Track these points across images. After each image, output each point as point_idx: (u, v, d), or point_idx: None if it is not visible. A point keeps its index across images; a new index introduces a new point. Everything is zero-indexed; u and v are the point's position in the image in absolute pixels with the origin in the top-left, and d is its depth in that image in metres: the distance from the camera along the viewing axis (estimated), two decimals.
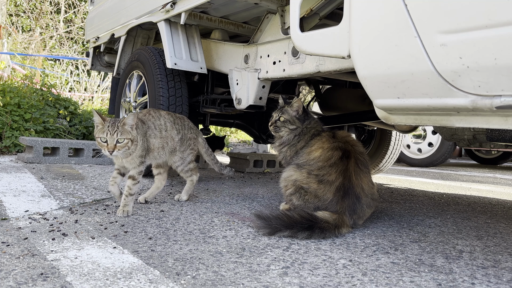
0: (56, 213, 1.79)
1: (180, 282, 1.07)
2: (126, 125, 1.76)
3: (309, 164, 1.75)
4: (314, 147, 1.80)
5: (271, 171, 3.93)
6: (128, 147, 1.76)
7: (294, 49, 2.05)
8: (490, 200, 2.82)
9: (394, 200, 2.56)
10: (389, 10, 1.26)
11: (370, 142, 3.81)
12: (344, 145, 1.77)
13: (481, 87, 1.11)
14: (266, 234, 1.56)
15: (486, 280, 1.19)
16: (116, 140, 1.72)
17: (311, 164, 1.75)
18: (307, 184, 1.70)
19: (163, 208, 1.99)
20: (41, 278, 1.06)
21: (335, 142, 1.78)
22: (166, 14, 2.64)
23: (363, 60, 1.37)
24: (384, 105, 1.40)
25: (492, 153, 6.55)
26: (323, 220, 1.58)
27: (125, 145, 1.74)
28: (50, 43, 10.56)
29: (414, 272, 1.23)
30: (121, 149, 1.73)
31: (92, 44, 4.02)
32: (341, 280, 1.14)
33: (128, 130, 1.76)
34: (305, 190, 1.70)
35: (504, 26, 1.02)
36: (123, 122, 1.75)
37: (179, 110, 2.62)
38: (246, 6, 2.46)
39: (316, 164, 1.73)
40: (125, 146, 1.75)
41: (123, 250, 1.32)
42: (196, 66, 2.65)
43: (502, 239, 1.69)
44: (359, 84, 1.94)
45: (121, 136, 1.73)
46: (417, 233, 1.71)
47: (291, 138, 1.89)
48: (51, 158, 3.41)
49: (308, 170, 1.73)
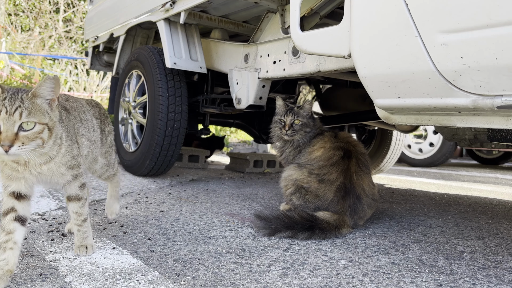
0: (55, 213, 1.78)
1: (180, 283, 1.07)
2: (39, 98, 1.04)
3: (310, 164, 1.75)
4: (316, 147, 1.80)
5: (271, 171, 3.92)
6: (43, 140, 1.03)
7: (294, 49, 2.04)
8: (491, 200, 2.82)
9: (395, 201, 2.56)
10: (390, 10, 1.26)
11: (371, 142, 3.80)
12: (345, 145, 1.77)
13: (482, 87, 1.10)
14: (266, 234, 1.55)
15: (487, 280, 1.18)
16: (19, 124, 0.99)
17: (312, 164, 1.74)
18: (307, 184, 1.69)
19: (162, 209, 1.98)
20: (40, 279, 1.05)
21: (337, 142, 1.78)
22: (165, 13, 2.63)
23: (363, 59, 1.37)
24: (385, 105, 1.39)
25: (493, 153, 6.54)
26: (324, 220, 1.57)
27: (36, 136, 1.01)
28: (49, 43, 10.55)
29: (415, 272, 1.23)
30: (28, 143, 1.00)
31: (91, 43, 4.01)
32: (341, 281, 1.13)
33: (44, 108, 1.04)
34: (306, 190, 1.69)
35: (505, 25, 1.02)
36: (34, 93, 1.03)
37: (179, 109, 2.61)
38: (246, 5, 2.45)
39: (317, 164, 1.73)
40: (37, 138, 1.02)
41: (122, 250, 1.31)
42: (196, 66, 2.64)
43: (503, 239, 1.68)
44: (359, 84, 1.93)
45: (28, 117, 0.99)
46: (418, 234, 1.71)
47: (306, 140, 1.88)
48: None
49: (309, 170, 1.72)
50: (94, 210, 1.88)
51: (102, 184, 2.51)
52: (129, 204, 2.06)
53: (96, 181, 2.58)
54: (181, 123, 2.62)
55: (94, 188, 2.38)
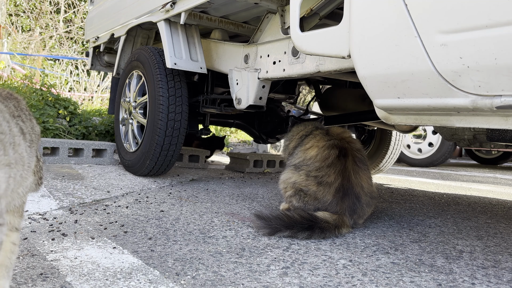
0: (55, 213, 1.79)
1: (180, 282, 1.07)
2: None
3: (307, 165, 1.73)
4: (308, 145, 1.78)
5: (271, 171, 3.93)
6: None
7: (294, 49, 2.05)
8: (490, 200, 2.82)
9: (394, 200, 2.56)
10: (389, 10, 1.26)
11: (370, 142, 3.80)
12: (340, 142, 1.75)
13: (481, 87, 1.11)
14: (266, 234, 1.55)
15: (486, 280, 1.19)
16: None
17: (309, 165, 1.72)
18: (306, 187, 1.69)
19: (163, 208, 1.98)
20: (41, 278, 1.06)
21: (330, 139, 1.76)
22: (166, 14, 2.63)
23: (363, 59, 1.37)
24: (384, 105, 1.40)
25: (492, 153, 6.55)
26: (323, 220, 1.58)
27: None
28: (50, 43, 10.55)
29: (414, 272, 1.23)
30: None
31: (92, 44, 4.01)
32: (341, 280, 1.14)
33: None
34: (305, 193, 1.69)
35: (504, 26, 1.02)
36: None
37: (179, 110, 2.62)
38: (246, 6, 2.46)
39: (313, 165, 1.71)
40: None
41: (123, 250, 1.32)
42: (196, 66, 2.65)
43: (502, 239, 1.68)
44: (359, 84, 1.93)
45: None
46: (417, 233, 1.71)
47: None
48: (51, 158, 3.41)
49: (306, 172, 1.71)
50: (94, 209, 1.89)
51: (103, 184, 2.51)
52: (129, 203, 2.06)
53: (97, 181, 2.59)
54: (182, 123, 2.63)
55: (95, 188, 2.38)
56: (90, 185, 2.47)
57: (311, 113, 3.67)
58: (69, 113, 4.95)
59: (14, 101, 1.05)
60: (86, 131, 4.78)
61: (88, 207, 1.94)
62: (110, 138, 4.34)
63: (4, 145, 0.81)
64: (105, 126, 4.45)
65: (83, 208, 1.91)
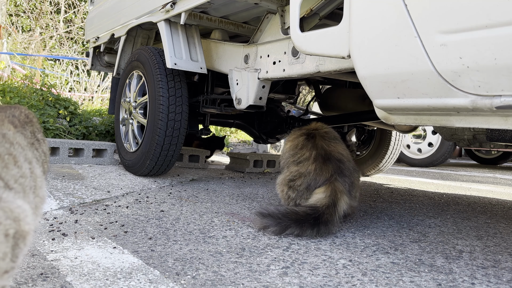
0: (56, 213, 1.79)
1: (180, 282, 1.07)
2: None
3: (284, 159, 1.87)
4: (285, 146, 1.94)
5: (271, 171, 3.93)
6: None
7: (294, 49, 2.05)
8: (490, 200, 2.82)
9: (394, 200, 2.56)
10: (389, 10, 1.26)
11: (370, 142, 3.81)
12: (307, 131, 1.88)
13: (481, 87, 1.11)
14: (267, 232, 1.55)
15: (486, 280, 1.19)
16: None
17: (286, 158, 1.85)
18: (291, 174, 1.77)
19: (163, 208, 1.98)
20: (41, 278, 1.06)
21: (300, 131, 1.90)
22: (166, 14, 2.63)
23: (363, 60, 1.37)
24: (384, 105, 1.40)
25: (492, 153, 6.55)
26: (319, 206, 1.55)
27: None
28: (50, 43, 10.56)
29: (414, 272, 1.23)
30: None
31: (92, 44, 4.02)
32: (341, 280, 1.14)
33: None
34: (293, 180, 1.74)
35: (504, 26, 1.02)
36: None
37: (179, 110, 2.62)
38: (246, 6, 2.46)
39: (288, 154, 1.84)
40: None
41: (123, 250, 1.32)
42: (196, 66, 2.65)
43: (502, 239, 1.69)
44: (359, 84, 1.94)
45: None
46: (417, 233, 1.71)
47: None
48: (51, 158, 3.41)
49: (286, 166, 1.83)
50: (95, 209, 1.89)
51: (103, 184, 2.52)
52: (129, 203, 2.06)
53: (97, 181, 2.59)
54: (182, 123, 2.63)
55: (95, 188, 2.39)
56: (91, 185, 2.47)
57: (311, 113, 3.67)
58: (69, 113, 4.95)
59: (30, 125, 1.03)
60: (86, 131, 4.79)
61: (88, 207, 1.95)
62: (110, 138, 4.34)
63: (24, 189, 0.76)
64: (105, 126, 4.46)
65: (83, 208, 1.92)
